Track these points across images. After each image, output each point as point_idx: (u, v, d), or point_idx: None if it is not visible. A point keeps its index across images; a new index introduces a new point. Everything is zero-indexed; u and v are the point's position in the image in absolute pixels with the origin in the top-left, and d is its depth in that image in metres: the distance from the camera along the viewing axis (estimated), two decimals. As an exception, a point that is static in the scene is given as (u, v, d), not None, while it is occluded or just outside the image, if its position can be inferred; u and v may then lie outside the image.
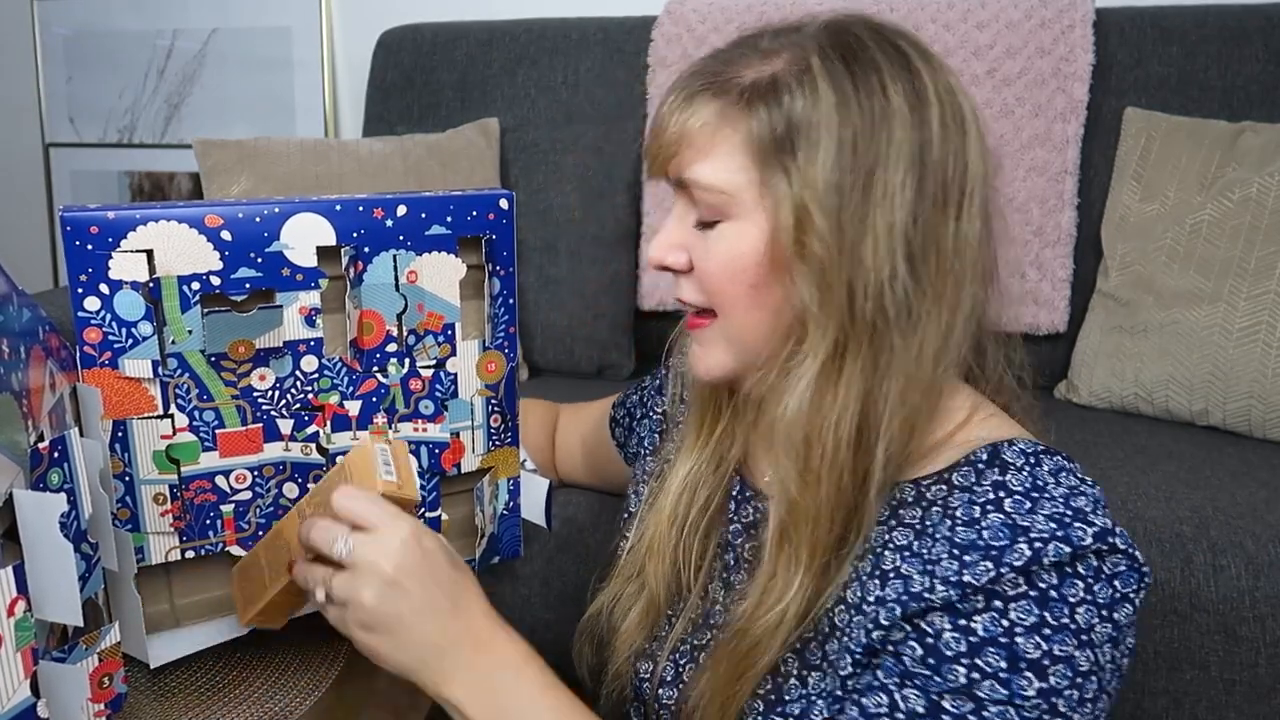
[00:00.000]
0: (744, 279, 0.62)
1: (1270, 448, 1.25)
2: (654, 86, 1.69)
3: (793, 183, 0.58)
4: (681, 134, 0.62)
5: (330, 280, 0.73)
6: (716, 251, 0.63)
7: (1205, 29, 1.50)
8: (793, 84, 0.59)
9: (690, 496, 0.73)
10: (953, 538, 0.58)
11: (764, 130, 0.59)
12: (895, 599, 0.58)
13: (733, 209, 0.62)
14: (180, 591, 0.76)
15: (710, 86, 0.62)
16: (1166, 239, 1.36)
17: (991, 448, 0.61)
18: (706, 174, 0.62)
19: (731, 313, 0.64)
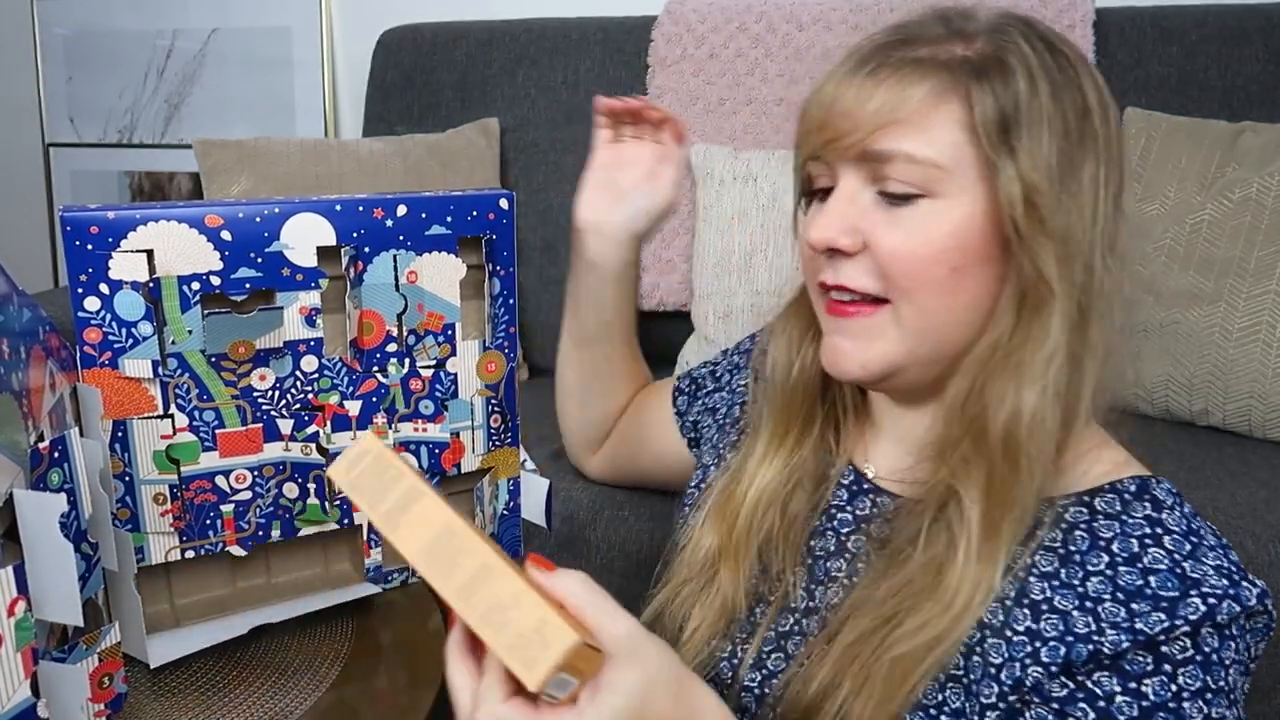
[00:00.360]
0: (946, 260, 0.59)
1: (1270, 448, 1.25)
2: (654, 86, 1.69)
3: (1020, 162, 0.58)
4: (888, 107, 0.59)
5: (330, 280, 0.73)
6: (913, 230, 0.59)
7: (1205, 29, 1.50)
8: (1014, 66, 0.59)
9: (786, 495, 0.71)
10: (1115, 578, 0.57)
11: (989, 109, 0.58)
12: (1057, 637, 0.56)
13: (942, 185, 0.59)
14: (180, 591, 0.76)
15: (914, 63, 0.59)
16: (1166, 239, 1.36)
17: (1140, 480, 0.60)
18: (920, 147, 0.59)
19: (919, 297, 0.60)
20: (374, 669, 0.74)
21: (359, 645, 0.77)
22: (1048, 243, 0.58)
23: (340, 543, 0.82)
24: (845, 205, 0.62)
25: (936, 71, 0.59)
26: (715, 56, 1.66)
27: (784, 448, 0.72)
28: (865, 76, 0.60)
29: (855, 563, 0.67)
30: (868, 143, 0.59)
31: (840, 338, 0.64)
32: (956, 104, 0.59)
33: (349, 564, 0.83)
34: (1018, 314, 0.60)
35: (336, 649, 0.76)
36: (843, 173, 0.62)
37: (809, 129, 0.63)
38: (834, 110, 0.61)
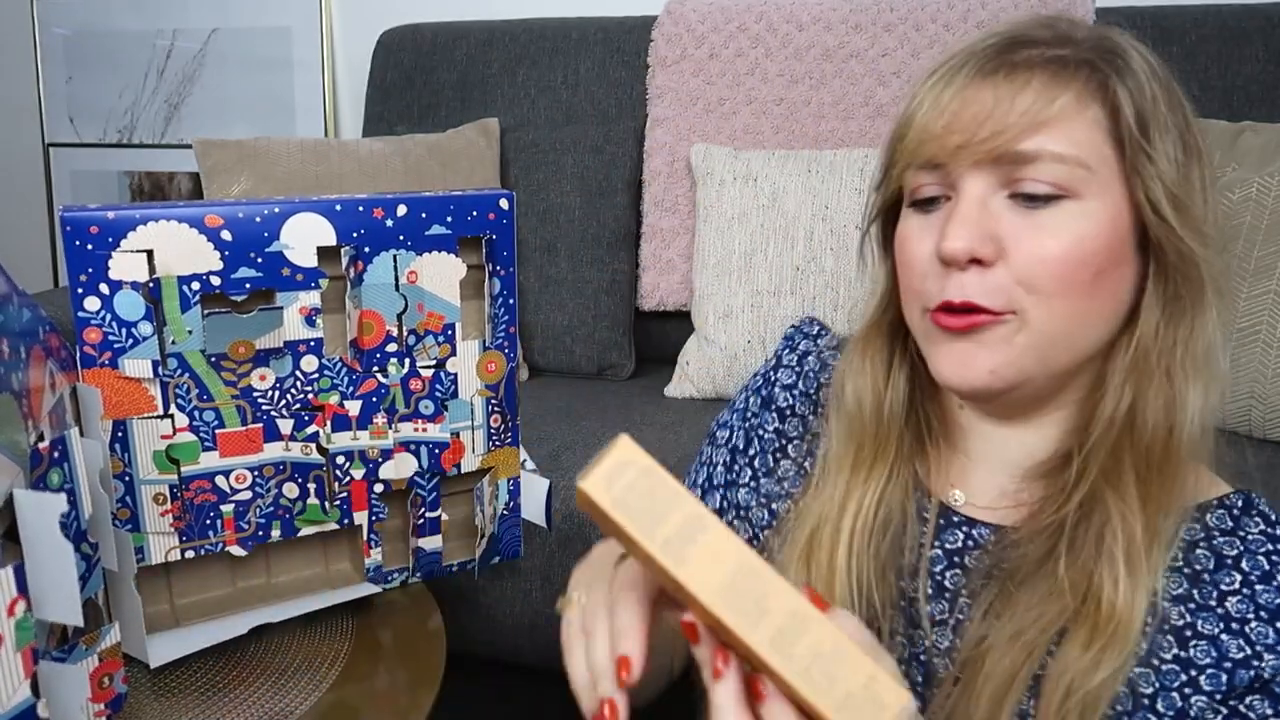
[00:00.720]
0: (1094, 263, 0.57)
1: (1270, 448, 1.25)
2: (654, 86, 1.69)
3: (1158, 161, 0.58)
4: (1036, 108, 0.57)
5: (330, 280, 0.73)
6: (1060, 231, 0.57)
7: (1205, 29, 1.50)
8: (1135, 68, 0.60)
9: (879, 534, 0.66)
10: (1254, 597, 0.57)
11: (1130, 109, 0.58)
12: (1213, 664, 0.56)
13: (1087, 186, 0.57)
14: (180, 591, 0.76)
15: (1056, 63, 0.58)
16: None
17: (1244, 495, 0.61)
18: (1067, 146, 0.57)
19: (1059, 301, 0.57)
20: (374, 669, 0.74)
21: (359, 645, 0.77)
22: (1193, 236, 0.58)
23: (340, 543, 0.82)
24: (978, 210, 0.58)
25: (1076, 72, 0.58)
26: (715, 56, 1.66)
27: (871, 481, 0.68)
28: (1002, 79, 0.58)
29: (958, 599, 0.64)
30: (1013, 144, 0.57)
31: (963, 343, 0.60)
32: (1099, 106, 0.58)
33: (349, 564, 0.83)
34: (1163, 311, 0.59)
35: (336, 649, 0.76)
36: (967, 178, 0.59)
37: (926, 136, 0.60)
38: (965, 114, 0.58)
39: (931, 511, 0.67)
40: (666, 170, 1.66)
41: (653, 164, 1.66)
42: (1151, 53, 0.63)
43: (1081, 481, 0.60)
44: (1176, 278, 0.59)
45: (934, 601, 0.65)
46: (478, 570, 0.86)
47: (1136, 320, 0.60)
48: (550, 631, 1.20)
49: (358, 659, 0.75)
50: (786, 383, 0.76)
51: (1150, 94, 0.59)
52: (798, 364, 0.76)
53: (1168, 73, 0.63)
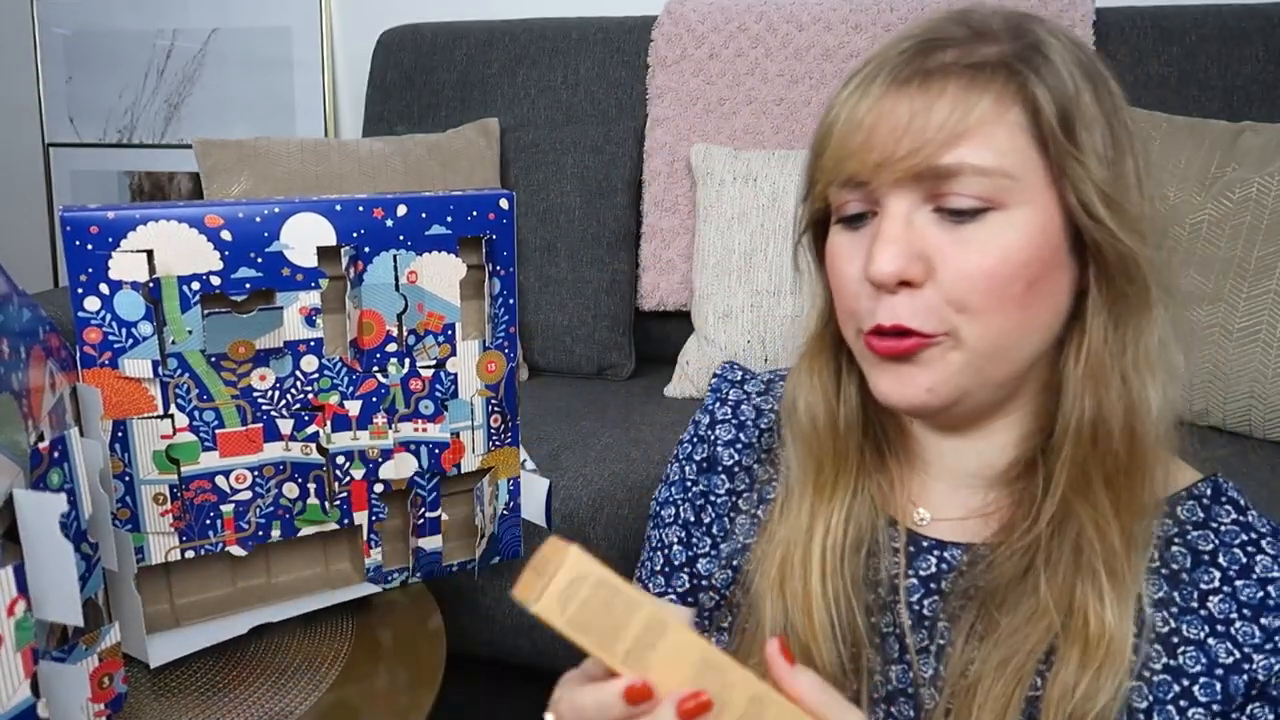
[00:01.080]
0: (1026, 274, 0.55)
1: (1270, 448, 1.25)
2: (654, 86, 1.69)
3: (1087, 158, 0.55)
4: (954, 119, 0.54)
5: (330, 280, 0.73)
6: (987, 245, 0.55)
7: (1205, 29, 1.50)
8: (1055, 60, 0.56)
9: (851, 555, 0.64)
10: (1235, 594, 0.56)
11: (1052, 107, 0.55)
12: (1204, 671, 0.55)
13: (1012, 195, 0.55)
14: (180, 591, 0.76)
15: (969, 68, 0.55)
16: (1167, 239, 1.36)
17: (1212, 482, 0.60)
18: (988, 157, 0.54)
19: (993, 317, 0.56)
20: (374, 669, 0.74)
21: (359, 645, 0.77)
22: (1131, 235, 0.56)
23: (340, 543, 0.82)
24: (904, 229, 0.56)
25: (992, 76, 0.55)
26: (715, 56, 1.66)
27: (836, 499, 0.66)
28: (916, 89, 0.55)
29: (937, 625, 0.63)
30: (933, 159, 0.55)
31: (900, 365, 0.58)
32: (1019, 108, 0.55)
33: (349, 564, 0.83)
34: (1110, 313, 0.57)
35: (336, 649, 0.76)
36: (890, 196, 0.57)
37: (844, 153, 0.57)
38: (883, 128, 0.56)
39: (900, 540, 0.65)
40: (666, 170, 1.66)
41: (653, 164, 1.66)
42: (1074, 40, 0.59)
43: (1050, 494, 0.59)
44: (1119, 278, 0.57)
45: (914, 632, 0.63)
46: (478, 570, 0.86)
47: (1084, 325, 0.58)
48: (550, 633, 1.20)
49: (358, 659, 0.75)
50: (727, 439, 0.74)
51: (1073, 87, 0.56)
52: (733, 416, 0.75)
53: (1094, 59, 0.59)
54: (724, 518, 0.73)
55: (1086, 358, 0.58)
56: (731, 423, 0.74)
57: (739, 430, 0.74)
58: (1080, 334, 0.58)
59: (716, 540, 0.73)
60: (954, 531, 0.64)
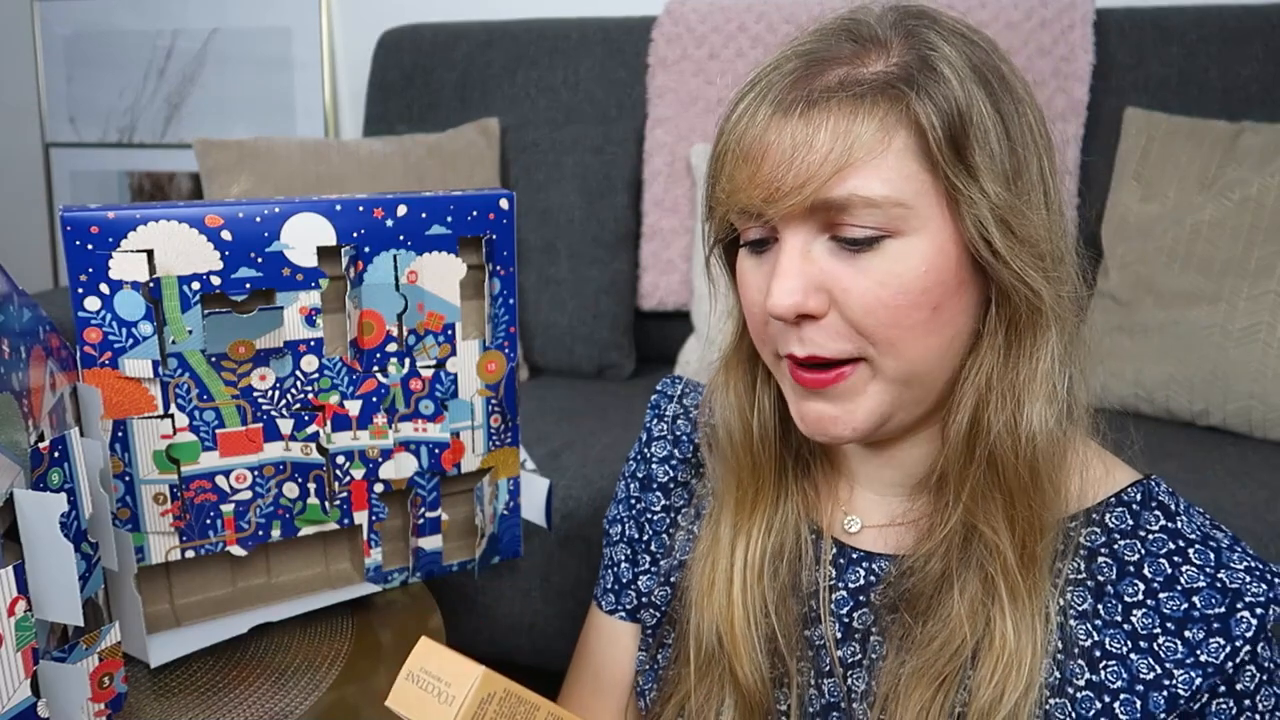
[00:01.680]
0: (927, 300, 0.54)
1: (1270, 448, 1.25)
2: (654, 86, 1.69)
3: (980, 178, 0.53)
4: (837, 151, 0.52)
5: (330, 280, 0.73)
6: (885, 275, 0.54)
7: (1205, 29, 1.50)
8: (943, 70, 0.53)
9: (774, 566, 0.64)
10: (1159, 607, 0.55)
11: (939, 128, 0.52)
12: (1125, 687, 0.55)
13: (907, 222, 0.53)
14: (180, 591, 0.76)
15: (849, 94, 0.53)
16: (1166, 239, 1.36)
17: (1142, 487, 0.59)
18: (877, 187, 0.52)
19: (901, 344, 0.55)
20: (374, 669, 0.74)
21: (359, 645, 0.77)
22: (1024, 253, 0.54)
23: (340, 543, 0.82)
24: (800, 262, 0.55)
25: (875, 101, 0.53)
26: (715, 56, 1.66)
27: (757, 514, 0.66)
28: (798, 120, 0.53)
29: (868, 639, 0.62)
30: (820, 193, 0.53)
31: (820, 403, 0.58)
32: (905, 132, 0.53)
33: (349, 564, 0.83)
34: (1008, 333, 0.56)
35: (336, 649, 0.76)
36: (786, 226, 0.55)
37: (734, 186, 0.56)
38: (769, 161, 0.54)
39: (827, 552, 0.65)
40: (666, 170, 1.66)
41: (653, 164, 1.66)
42: (968, 36, 0.56)
43: (955, 501, 0.58)
44: (1014, 301, 0.55)
45: (845, 645, 0.63)
46: (477, 570, 0.86)
47: (980, 341, 0.57)
48: (549, 631, 1.20)
49: (358, 659, 0.75)
50: (661, 455, 0.74)
51: (964, 98, 0.53)
52: (669, 432, 0.75)
53: (990, 54, 0.56)
54: (661, 535, 0.73)
55: (977, 372, 0.57)
56: (667, 439, 0.75)
57: (674, 446, 0.74)
58: (977, 348, 0.57)
59: (656, 557, 0.73)
60: (882, 541, 0.64)
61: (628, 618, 0.75)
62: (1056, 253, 0.56)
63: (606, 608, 0.76)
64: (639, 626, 0.75)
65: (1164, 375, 1.32)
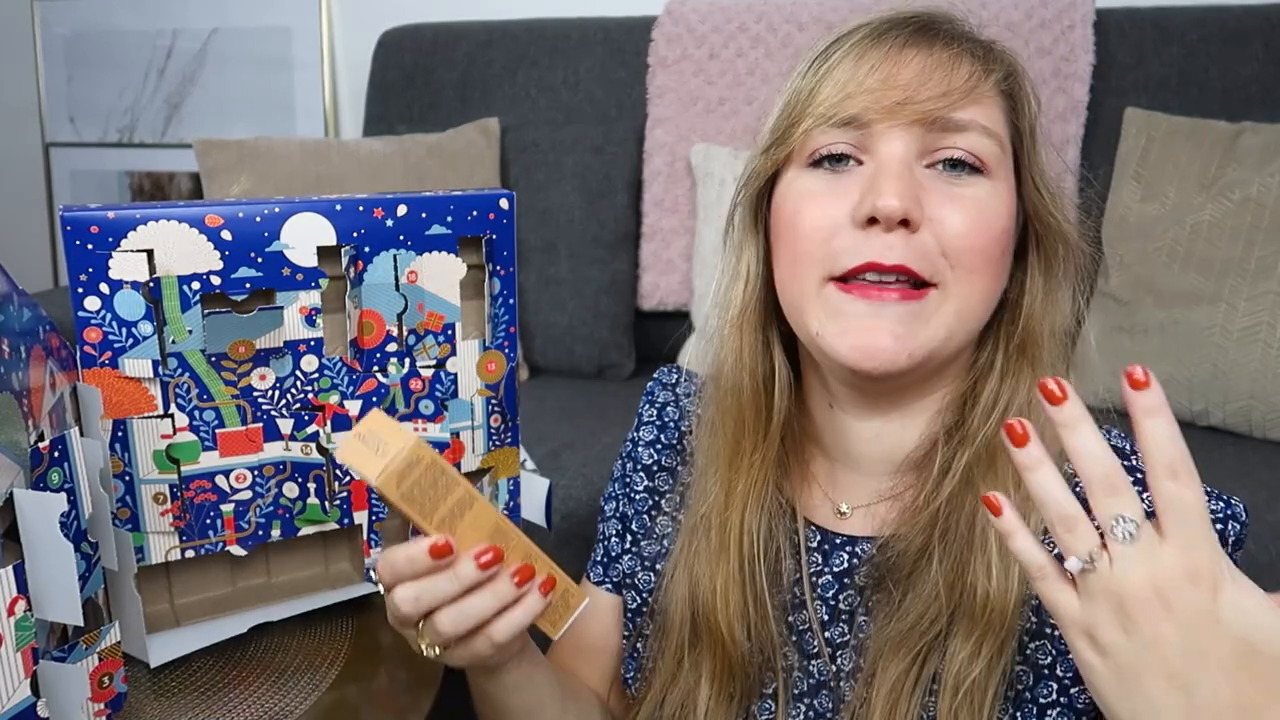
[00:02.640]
0: (1002, 240, 0.58)
1: (1270, 448, 1.25)
2: (654, 86, 1.69)
3: (1037, 168, 0.61)
4: (974, 80, 0.58)
5: (330, 280, 0.73)
6: (979, 206, 0.57)
7: (1205, 29, 1.50)
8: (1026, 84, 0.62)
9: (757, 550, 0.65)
10: None
11: (1027, 112, 0.61)
12: None
13: (998, 168, 0.59)
14: (180, 591, 0.76)
15: (970, 38, 0.61)
16: (1166, 239, 1.36)
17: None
18: (996, 122, 0.59)
19: (977, 276, 0.57)
20: (374, 669, 0.74)
21: (359, 645, 0.77)
22: (1057, 209, 0.62)
23: (340, 543, 0.82)
24: (905, 170, 0.56)
25: (1000, 65, 0.60)
26: (715, 56, 1.66)
27: (753, 474, 0.65)
28: (940, 47, 0.58)
29: (855, 619, 0.64)
30: (952, 110, 0.57)
31: (882, 322, 0.56)
32: (1008, 101, 0.60)
33: (349, 564, 0.83)
34: (1047, 264, 0.62)
35: (336, 649, 0.76)
36: (889, 140, 0.57)
37: (855, 89, 0.57)
38: (904, 74, 0.57)
39: (813, 538, 0.66)
40: (666, 170, 1.66)
41: (653, 164, 1.66)
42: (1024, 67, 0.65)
43: (951, 471, 0.60)
44: (1051, 244, 0.62)
45: (832, 626, 0.64)
46: (478, 570, 0.86)
47: (1018, 309, 0.62)
48: (550, 631, 1.20)
49: (358, 659, 0.75)
50: (648, 439, 0.76)
51: (1034, 104, 0.62)
52: (658, 418, 0.77)
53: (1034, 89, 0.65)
54: (643, 515, 0.75)
55: (1017, 337, 0.61)
56: (655, 424, 0.77)
57: (660, 431, 0.77)
58: (1015, 315, 0.62)
59: (637, 537, 0.75)
60: (865, 524, 0.65)
61: (613, 590, 0.77)
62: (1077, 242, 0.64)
63: (594, 579, 0.78)
64: (622, 602, 0.76)
65: (1164, 375, 1.32)
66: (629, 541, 0.75)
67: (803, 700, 0.65)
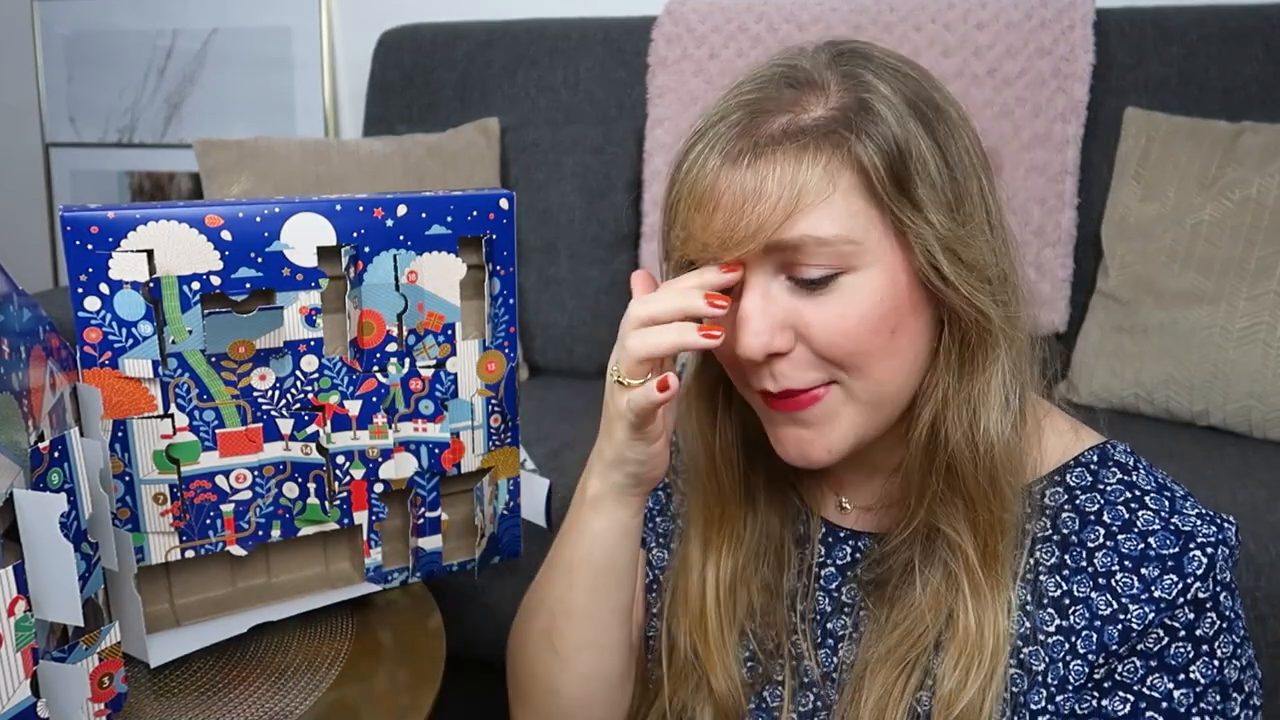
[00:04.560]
0: (885, 326, 0.57)
1: (1270, 448, 1.25)
2: (654, 86, 1.69)
3: (924, 209, 0.56)
4: (787, 196, 0.55)
5: (330, 280, 0.73)
6: (844, 308, 0.57)
7: (1205, 29, 1.50)
8: (878, 108, 0.56)
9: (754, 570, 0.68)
10: (1117, 547, 0.59)
11: (878, 165, 0.55)
12: (1086, 625, 0.58)
13: (859, 257, 0.56)
14: (180, 591, 0.76)
15: (793, 142, 0.55)
16: (1166, 239, 1.36)
17: (1099, 449, 0.63)
18: (828, 228, 0.55)
19: (868, 369, 0.58)
20: (374, 669, 0.74)
21: (359, 645, 0.77)
22: (972, 277, 0.57)
23: (340, 543, 0.82)
24: (763, 303, 0.58)
25: (819, 146, 0.55)
26: (715, 56, 1.66)
27: (725, 529, 0.69)
28: (746, 169, 0.56)
29: (856, 613, 0.66)
30: (774, 237, 0.55)
31: (798, 429, 0.61)
32: (849, 172, 0.56)
33: (349, 564, 0.83)
34: (960, 350, 0.60)
35: (336, 649, 0.76)
36: (746, 270, 0.58)
37: (691, 233, 0.59)
38: (721, 210, 0.56)
39: (818, 531, 0.69)
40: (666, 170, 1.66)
41: (653, 164, 1.66)
42: (900, 69, 0.59)
43: (919, 502, 0.62)
44: (964, 323, 0.59)
45: (836, 617, 0.67)
46: (477, 570, 0.86)
47: (936, 358, 0.60)
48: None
49: (358, 659, 0.75)
50: None
51: (902, 135, 0.56)
52: None
53: (923, 83, 0.59)
54: (657, 491, 0.77)
55: (934, 387, 0.60)
56: None
57: None
58: (933, 365, 0.61)
59: (651, 512, 0.77)
60: (867, 519, 0.68)
61: None
62: (1001, 273, 0.59)
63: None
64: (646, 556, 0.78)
65: (1164, 375, 1.32)
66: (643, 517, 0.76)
67: (811, 690, 0.67)
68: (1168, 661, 0.57)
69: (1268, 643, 0.99)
